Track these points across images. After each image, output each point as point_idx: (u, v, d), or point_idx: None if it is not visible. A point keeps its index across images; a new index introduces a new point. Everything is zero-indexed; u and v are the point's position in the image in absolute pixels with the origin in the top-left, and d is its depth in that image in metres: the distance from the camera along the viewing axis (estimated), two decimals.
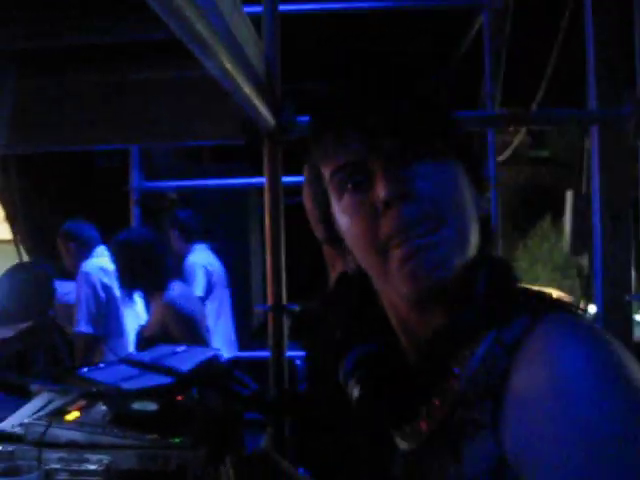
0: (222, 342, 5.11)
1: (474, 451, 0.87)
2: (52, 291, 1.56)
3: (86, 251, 4.62)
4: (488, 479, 0.84)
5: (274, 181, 2.74)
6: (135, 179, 5.31)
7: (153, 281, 3.76)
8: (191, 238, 5.41)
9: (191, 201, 6.00)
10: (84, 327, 4.25)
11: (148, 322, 3.89)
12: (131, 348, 4.18)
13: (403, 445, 0.98)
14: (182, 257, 5.35)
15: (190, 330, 3.70)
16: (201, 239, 5.45)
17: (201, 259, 5.37)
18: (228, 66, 1.83)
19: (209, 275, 5.31)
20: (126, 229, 4.10)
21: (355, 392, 1.02)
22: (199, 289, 5.19)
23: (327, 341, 1.13)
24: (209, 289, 5.30)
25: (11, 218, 6.39)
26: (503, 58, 5.34)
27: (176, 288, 3.82)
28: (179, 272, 4.78)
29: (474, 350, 0.91)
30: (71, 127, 3.62)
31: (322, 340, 1.25)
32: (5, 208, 7.00)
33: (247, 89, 2.13)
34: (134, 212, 5.32)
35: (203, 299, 5.13)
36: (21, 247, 6.36)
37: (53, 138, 3.71)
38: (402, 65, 0.98)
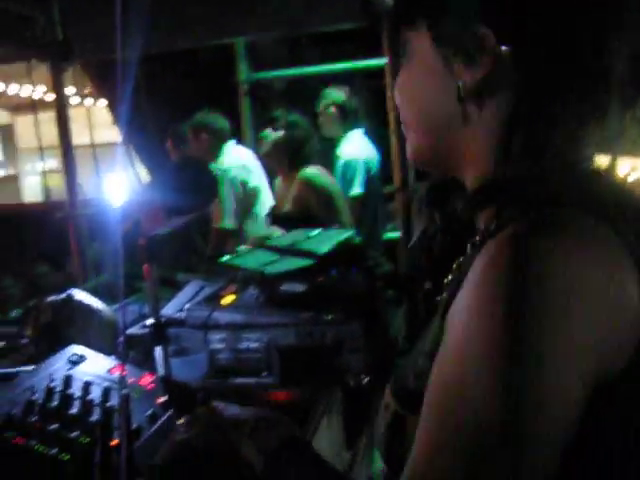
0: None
1: (432, 327, 0.94)
2: (215, 185, 1.65)
3: (217, 142, 4.69)
4: (430, 356, 0.87)
5: (396, 60, 2.74)
6: (243, 71, 5.37)
7: (293, 161, 3.95)
8: (349, 120, 4.95)
9: (298, 89, 5.99)
10: (226, 222, 4.43)
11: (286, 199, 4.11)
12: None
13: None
14: (334, 141, 4.99)
15: (329, 206, 3.87)
16: (359, 122, 5.01)
17: (361, 152, 4.84)
18: None
19: (368, 171, 4.79)
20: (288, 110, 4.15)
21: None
22: (358, 186, 4.72)
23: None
24: (368, 185, 4.77)
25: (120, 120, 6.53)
26: None
27: (311, 168, 4.05)
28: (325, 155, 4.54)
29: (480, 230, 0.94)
30: (186, 25, 3.65)
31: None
32: (114, 112, 7.16)
33: None
34: (244, 103, 5.40)
35: (362, 197, 4.70)
36: (131, 148, 6.51)
37: (166, 38, 3.75)
38: None
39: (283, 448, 1.08)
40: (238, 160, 4.58)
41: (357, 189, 4.74)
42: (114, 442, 1.33)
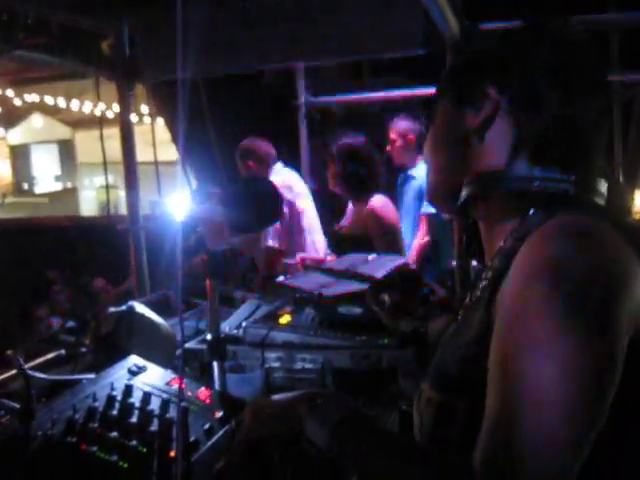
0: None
1: (474, 319, 1.07)
2: (279, 204, 1.65)
3: (263, 167, 4.76)
4: (476, 343, 1.05)
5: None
6: (302, 95, 5.42)
7: (366, 186, 4.00)
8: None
9: (355, 115, 6.03)
10: (270, 241, 4.47)
11: (348, 223, 4.13)
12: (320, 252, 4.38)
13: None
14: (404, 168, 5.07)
15: (392, 241, 3.89)
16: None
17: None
18: None
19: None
20: (347, 137, 4.14)
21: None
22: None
23: None
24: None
25: (178, 139, 6.61)
26: None
27: (379, 199, 4.03)
28: None
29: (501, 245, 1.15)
30: (246, 48, 3.70)
31: None
32: (172, 130, 7.27)
33: None
34: (302, 127, 5.44)
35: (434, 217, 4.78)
36: (187, 168, 6.57)
37: (229, 60, 3.80)
38: None
39: (346, 420, 1.12)
40: (284, 182, 4.61)
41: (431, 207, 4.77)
42: (172, 453, 1.35)
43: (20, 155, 19.03)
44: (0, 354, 1.68)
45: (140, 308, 2.19)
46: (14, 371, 1.90)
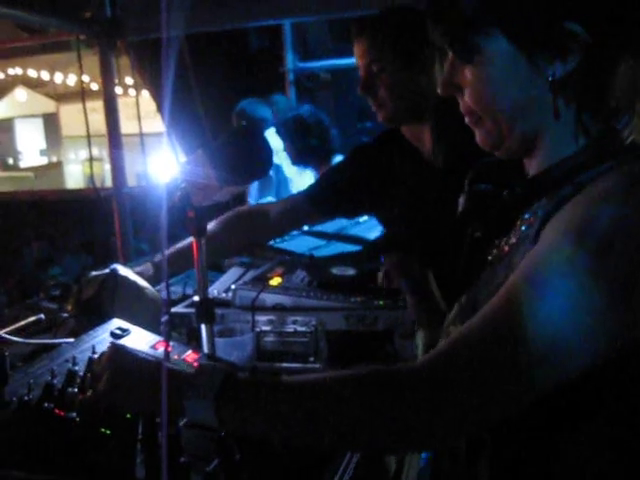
0: None
1: (520, 258, 0.99)
2: (270, 156, 1.56)
3: None
4: None
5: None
6: (290, 60, 5.30)
7: (322, 154, 3.89)
8: None
9: (343, 80, 5.90)
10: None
11: None
12: None
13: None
14: None
15: None
16: None
17: None
18: None
19: None
20: (294, 108, 4.07)
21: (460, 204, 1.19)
22: None
23: None
24: None
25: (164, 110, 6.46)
26: None
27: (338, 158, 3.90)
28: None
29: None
30: (228, 6, 3.61)
31: None
32: (157, 100, 7.12)
33: None
34: (290, 92, 5.33)
35: None
36: (174, 138, 6.44)
37: (214, 17, 3.71)
38: None
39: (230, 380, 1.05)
40: (273, 146, 4.50)
41: None
42: (157, 418, 1.26)
43: (4, 129, 18.78)
44: None
45: (124, 271, 2.09)
46: None
